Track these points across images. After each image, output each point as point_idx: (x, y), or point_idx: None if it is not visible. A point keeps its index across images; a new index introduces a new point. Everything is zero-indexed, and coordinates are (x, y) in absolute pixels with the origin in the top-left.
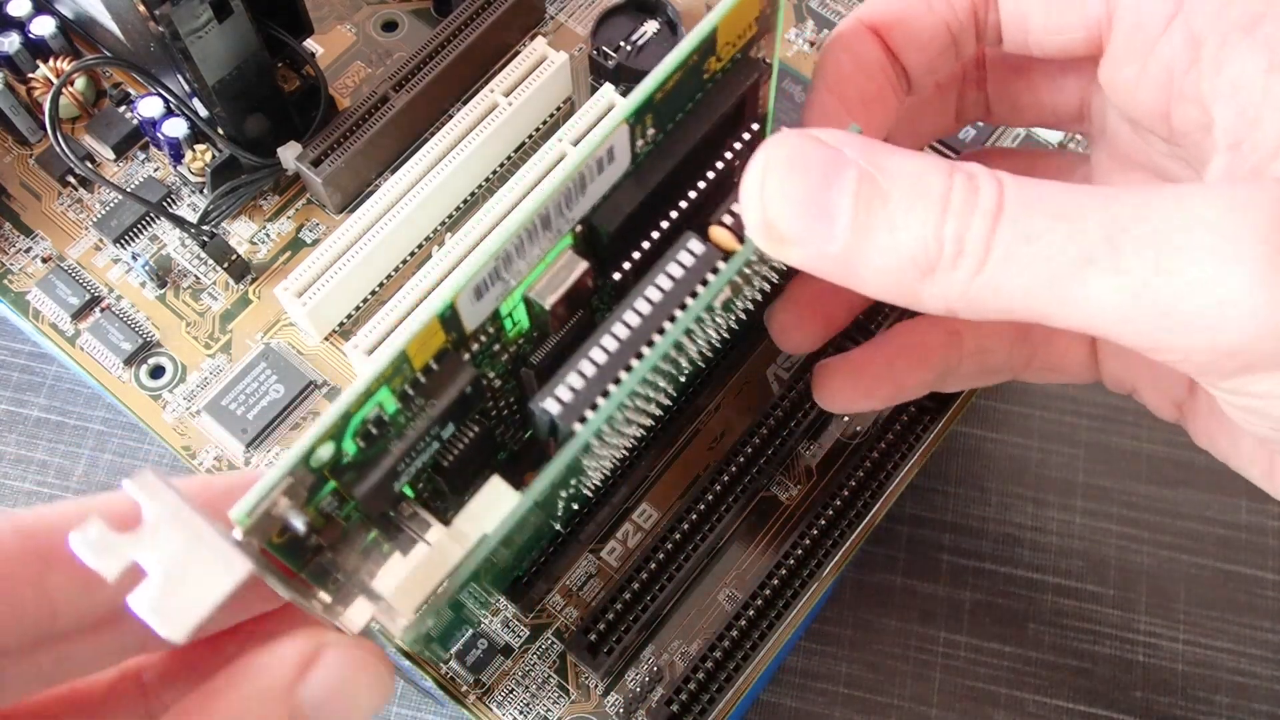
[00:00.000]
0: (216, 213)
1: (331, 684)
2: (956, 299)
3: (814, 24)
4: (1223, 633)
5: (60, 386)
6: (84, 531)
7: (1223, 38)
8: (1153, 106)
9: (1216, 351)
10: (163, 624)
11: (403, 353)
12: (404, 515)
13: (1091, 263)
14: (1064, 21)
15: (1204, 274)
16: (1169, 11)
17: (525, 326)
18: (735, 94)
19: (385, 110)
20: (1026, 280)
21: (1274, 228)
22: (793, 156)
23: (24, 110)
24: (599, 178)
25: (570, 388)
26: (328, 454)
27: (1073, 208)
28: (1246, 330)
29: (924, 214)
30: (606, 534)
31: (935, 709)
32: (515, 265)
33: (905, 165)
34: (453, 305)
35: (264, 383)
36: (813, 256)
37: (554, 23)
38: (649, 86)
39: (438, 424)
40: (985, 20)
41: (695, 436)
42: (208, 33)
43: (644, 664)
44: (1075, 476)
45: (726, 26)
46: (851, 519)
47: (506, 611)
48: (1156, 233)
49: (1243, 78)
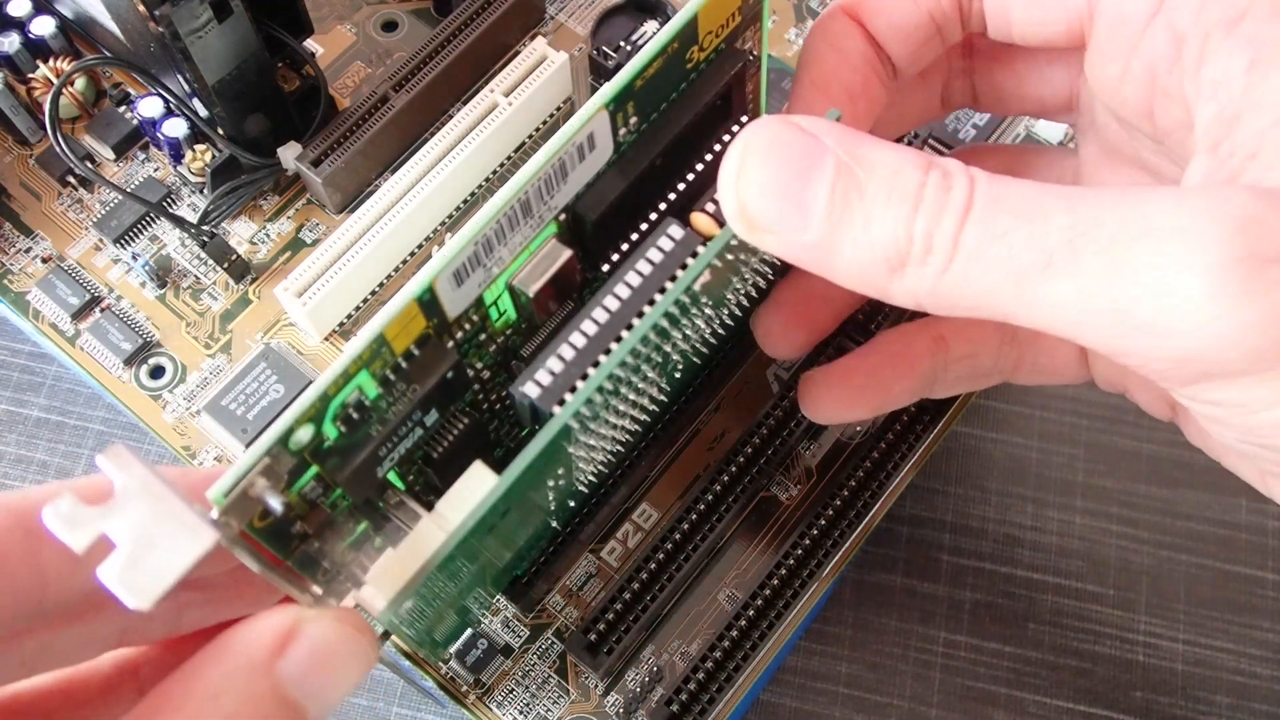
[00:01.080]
0: (216, 213)
1: (313, 656)
2: (925, 295)
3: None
4: (1223, 633)
5: (60, 386)
6: (55, 505)
7: (1204, 35)
8: (1137, 104)
9: (1171, 359)
10: (128, 594)
11: (380, 335)
12: (391, 504)
13: (1051, 264)
14: (1045, 14)
15: (1158, 281)
16: (1150, 8)
17: (513, 317)
18: (719, 84)
19: (385, 110)
20: (991, 279)
21: (1231, 237)
22: (771, 143)
23: (24, 110)
24: (580, 165)
25: (550, 371)
26: (307, 436)
27: (1038, 208)
28: (1200, 338)
29: (897, 210)
30: (606, 534)
31: (935, 709)
32: (497, 252)
33: (882, 158)
34: (431, 289)
35: (264, 383)
36: (787, 245)
37: (554, 23)
38: (629, 73)
39: (420, 409)
40: (970, 9)
41: (695, 436)
42: (207, 33)
43: (644, 664)
44: (1075, 476)
45: (707, 15)
46: (851, 519)
47: (506, 611)
48: (1115, 237)
49: (1223, 76)
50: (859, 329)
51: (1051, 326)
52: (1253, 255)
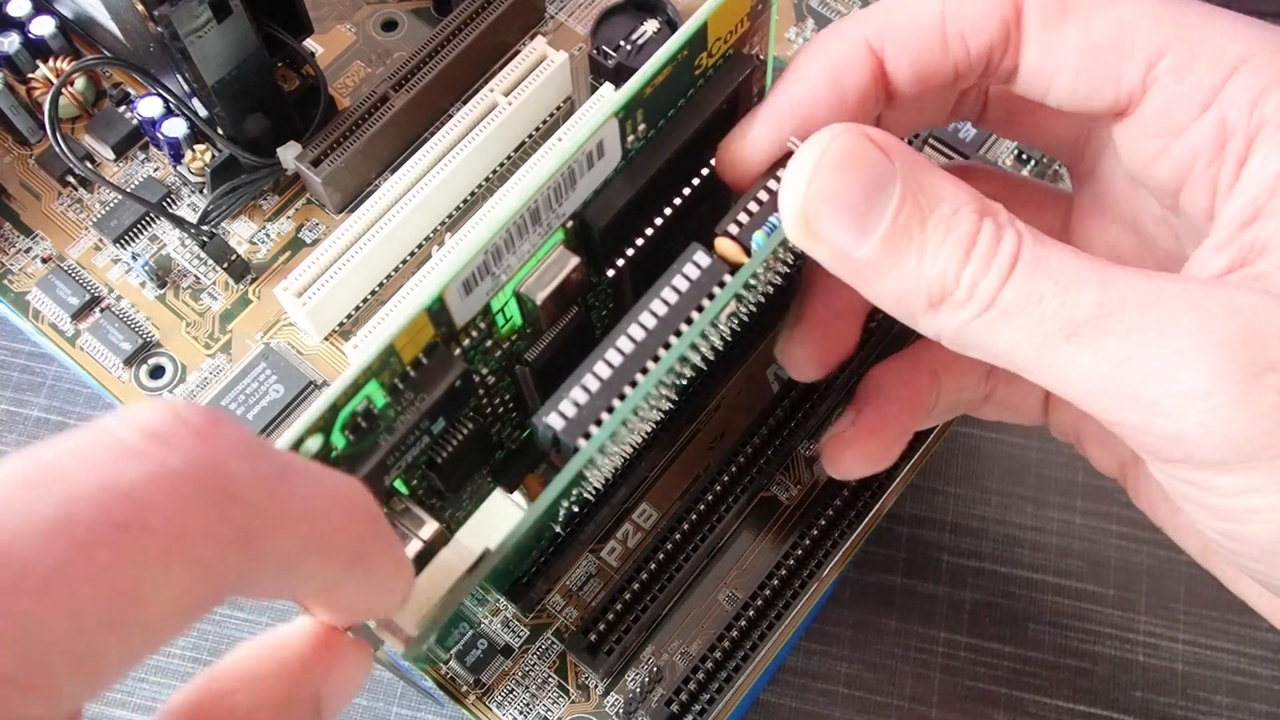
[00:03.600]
0: (216, 213)
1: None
2: (950, 333)
3: (814, 23)
4: (1223, 633)
5: (60, 386)
6: None
7: (1253, 133)
8: (1164, 182)
9: (1161, 437)
10: None
11: (390, 346)
12: (396, 511)
13: (1076, 335)
14: (1093, 90)
15: (1165, 371)
16: (1204, 100)
17: (518, 323)
18: (727, 90)
19: (385, 110)
20: (1018, 336)
21: (1233, 344)
22: (848, 156)
23: (24, 110)
24: (589, 173)
25: (574, 402)
26: (316, 446)
27: (1075, 279)
28: (1192, 426)
29: (951, 252)
30: (606, 534)
31: (935, 709)
32: (505, 260)
33: (945, 193)
34: (441, 299)
35: (264, 383)
36: (836, 257)
37: (554, 22)
38: (638, 81)
39: (428, 418)
40: (999, 64)
41: (695, 436)
42: (207, 33)
43: (644, 664)
44: (1075, 476)
45: (717, 22)
46: (851, 519)
47: (506, 611)
48: (1135, 323)
49: (1259, 174)
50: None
51: (1059, 388)
52: (1251, 362)
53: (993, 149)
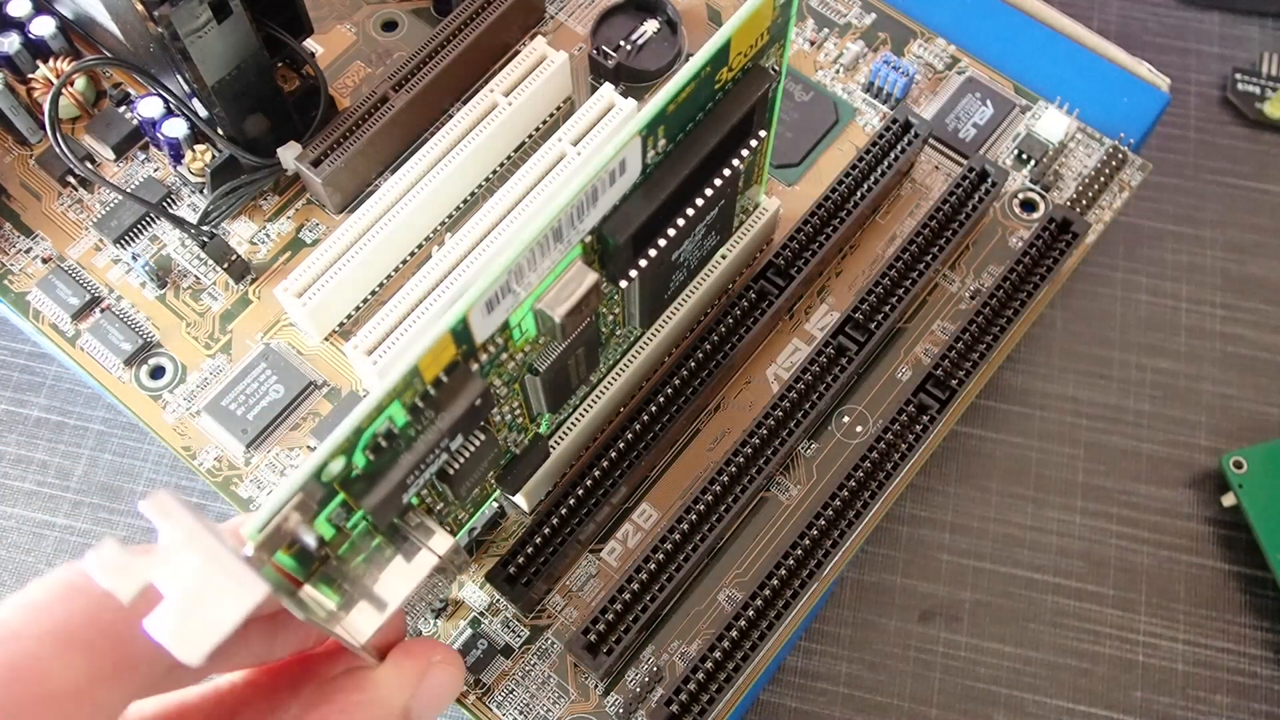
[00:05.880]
0: (216, 213)
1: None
2: None
3: (814, 23)
4: (1223, 633)
5: (60, 386)
6: (99, 551)
7: None
8: None
9: None
10: (180, 646)
11: (415, 367)
12: (410, 525)
13: None
14: None
15: None
16: None
17: (532, 334)
18: (746, 104)
19: (385, 110)
20: None
21: None
22: None
23: (24, 110)
24: (610, 189)
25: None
26: (338, 468)
27: None
28: None
29: None
30: (606, 534)
31: (935, 709)
32: (527, 278)
33: None
34: (465, 319)
35: (264, 383)
36: None
37: (554, 22)
38: (663, 99)
39: (447, 436)
40: None
41: (695, 436)
42: (207, 33)
43: (644, 664)
44: (1075, 476)
45: (740, 37)
46: (851, 519)
47: (506, 612)
48: None
49: None
50: (858, 328)
51: None
52: None
53: (993, 149)
